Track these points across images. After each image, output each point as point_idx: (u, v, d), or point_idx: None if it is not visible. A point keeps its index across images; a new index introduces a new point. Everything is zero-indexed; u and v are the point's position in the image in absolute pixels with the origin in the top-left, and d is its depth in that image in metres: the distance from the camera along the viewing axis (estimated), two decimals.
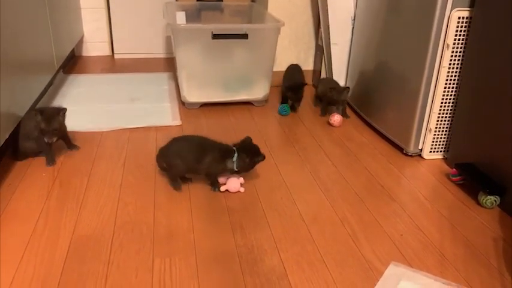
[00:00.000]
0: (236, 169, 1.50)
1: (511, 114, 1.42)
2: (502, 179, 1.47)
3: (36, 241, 1.24)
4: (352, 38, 2.27)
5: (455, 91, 1.69)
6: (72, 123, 1.93)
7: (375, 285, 1.14)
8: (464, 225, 1.41)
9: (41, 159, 1.65)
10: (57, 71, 2.41)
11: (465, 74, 1.63)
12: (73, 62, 2.81)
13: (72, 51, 2.87)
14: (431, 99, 1.71)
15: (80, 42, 2.91)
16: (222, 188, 1.51)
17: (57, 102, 2.14)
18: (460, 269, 1.21)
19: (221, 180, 1.53)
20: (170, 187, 1.52)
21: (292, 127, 2.06)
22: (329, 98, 2.14)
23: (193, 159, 1.49)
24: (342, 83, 2.40)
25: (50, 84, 2.32)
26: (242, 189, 1.52)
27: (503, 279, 1.18)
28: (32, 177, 1.55)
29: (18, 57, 1.63)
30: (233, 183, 1.51)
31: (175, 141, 1.54)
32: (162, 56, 3.01)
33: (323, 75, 2.46)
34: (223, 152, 1.49)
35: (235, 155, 1.48)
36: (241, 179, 1.55)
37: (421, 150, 1.80)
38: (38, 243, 1.24)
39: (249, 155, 1.49)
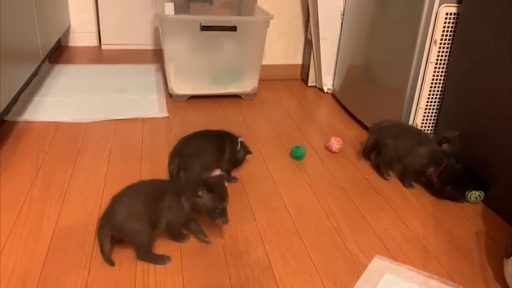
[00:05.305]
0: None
1: (496, 111, 1.43)
2: (486, 175, 1.49)
3: (18, 231, 1.23)
4: (341, 32, 2.27)
5: (442, 87, 1.70)
6: (58, 113, 1.92)
7: (359, 277, 1.15)
8: (448, 219, 1.42)
9: (25, 149, 1.63)
10: (43, 61, 2.38)
11: (452, 70, 1.64)
12: (59, 52, 2.77)
13: (59, 41, 2.83)
14: (418, 94, 1.71)
15: (67, 32, 2.87)
16: None
17: (42, 93, 2.11)
18: (443, 263, 1.23)
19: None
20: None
21: (280, 121, 2.06)
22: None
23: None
24: (330, 77, 2.41)
25: (35, 74, 2.28)
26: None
27: (485, 272, 1.20)
28: (16, 167, 1.53)
29: (1, 45, 1.60)
30: None
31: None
32: (150, 47, 2.98)
33: (311, 69, 2.46)
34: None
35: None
36: None
37: None
38: (21, 233, 1.22)
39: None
